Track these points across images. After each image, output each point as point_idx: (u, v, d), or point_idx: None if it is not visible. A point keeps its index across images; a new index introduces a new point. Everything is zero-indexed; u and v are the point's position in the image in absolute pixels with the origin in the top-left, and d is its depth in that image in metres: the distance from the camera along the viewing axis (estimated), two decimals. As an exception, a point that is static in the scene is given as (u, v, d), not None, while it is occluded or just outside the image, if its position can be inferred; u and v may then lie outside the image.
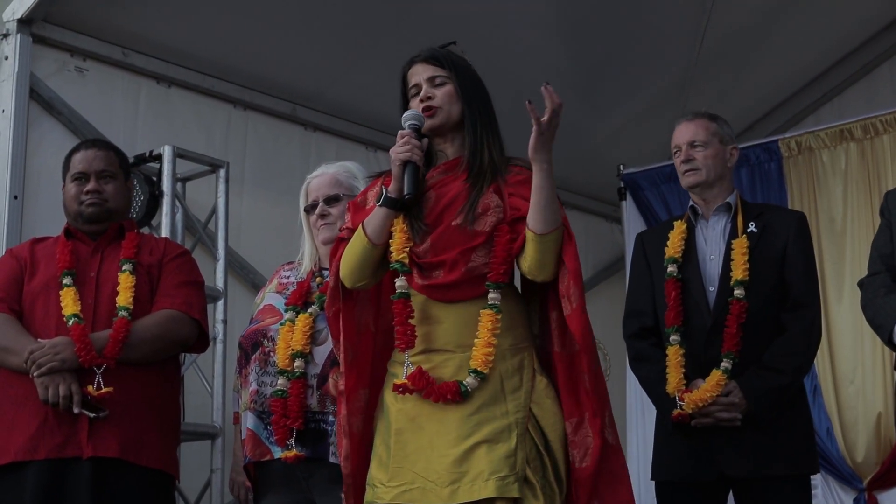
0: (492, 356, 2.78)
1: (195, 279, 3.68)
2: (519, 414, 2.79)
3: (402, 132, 2.86)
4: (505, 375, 2.82)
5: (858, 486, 5.32)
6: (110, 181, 3.64)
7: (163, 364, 3.55)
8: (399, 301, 2.84)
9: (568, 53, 5.82)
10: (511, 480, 2.70)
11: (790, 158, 5.71)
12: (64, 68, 4.68)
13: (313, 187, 3.58)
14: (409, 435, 2.81)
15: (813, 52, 6.38)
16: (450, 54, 2.99)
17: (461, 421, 2.76)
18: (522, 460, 2.75)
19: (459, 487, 2.71)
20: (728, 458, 3.53)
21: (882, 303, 3.39)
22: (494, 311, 2.81)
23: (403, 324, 2.83)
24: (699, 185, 3.76)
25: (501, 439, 2.74)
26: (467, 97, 2.94)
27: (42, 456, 3.32)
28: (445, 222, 2.87)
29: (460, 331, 2.83)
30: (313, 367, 3.33)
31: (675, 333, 3.63)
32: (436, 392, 2.76)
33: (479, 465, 2.71)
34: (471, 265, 2.83)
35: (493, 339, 2.78)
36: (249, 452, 3.39)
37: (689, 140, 3.76)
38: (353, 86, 5.43)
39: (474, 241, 2.83)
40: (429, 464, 2.76)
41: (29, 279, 3.54)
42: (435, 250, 2.85)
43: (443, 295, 2.85)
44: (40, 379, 3.30)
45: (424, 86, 2.95)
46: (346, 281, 2.92)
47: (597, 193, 6.77)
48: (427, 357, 2.84)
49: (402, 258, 2.85)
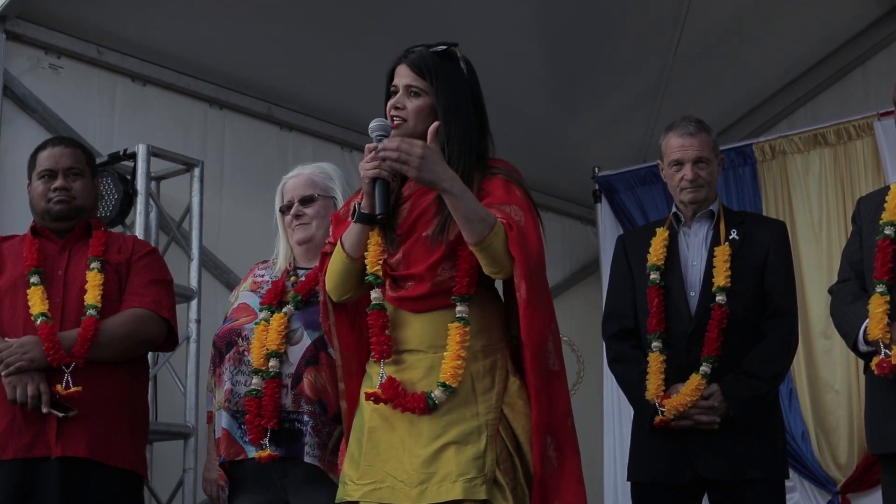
0: (461, 369, 2.77)
1: (164, 278, 3.66)
2: (490, 415, 2.79)
3: (369, 146, 2.81)
4: (476, 377, 2.81)
5: (832, 489, 5.35)
6: (78, 178, 3.62)
7: (132, 363, 3.53)
8: (374, 312, 2.86)
9: (543, 55, 5.83)
10: (479, 482, 2.70)
11: (764, 162, 5.75)
12: (38, 65, 4.65)
13: (289, 188, 3.58)
14: (382, 434, 2.82)
15: (787, 57, 6.42)
16: (436, 61, 2.90)
17: (432, 422, 2.76)
18: (492, 462, 2.74)
19: (428, 488, 2.71)
20: (703, 460, 3.55)
21: (848, 310, 3.42)
22: (462, 323, 2.80)
23: (378, 335, 2.85)
24: (696, 203, 3.75)
25: (471, 441, 2.74)
26: (443, 111, 2.86)
27: (10, 456, 3.30)
28: (416, 234, 2.86)
29: (431, 333, 2.83)
30: (288, 367, 3.32)
31: (656, 340, 3.64)
32: (404, 404, 2.77)
33: (448, 467, 2.71)
34: (437, 279, 2.83)
35: (463, 351, 2.78)
36: (224, 452, 3.38)
37: (696, 157, 3.71)
38: (330, 86, 5.42)
39: (440, 253, 2.82)
40: (399, 463, 2.76)
41: None
42: (406, 262, 2.86)
43: (412, 306, 2.86)
44: (8, 379, 3.28)
45: (401, 92, 2.90)
46: (332, 295, 2.96)
47: (572, 196, 6.78)
48: (399, 358, 2.85)
49: (377, 270, 2.86)
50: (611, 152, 6.29)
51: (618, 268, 3.92)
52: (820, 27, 6.26)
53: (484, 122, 2.97)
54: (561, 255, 6.84)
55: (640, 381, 3.64)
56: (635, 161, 6.20)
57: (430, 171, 2.71)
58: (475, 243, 2.74)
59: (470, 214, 2.73)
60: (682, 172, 3.74)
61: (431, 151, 2.72)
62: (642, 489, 3.71)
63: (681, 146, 3.74)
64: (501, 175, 2.89)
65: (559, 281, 6.74)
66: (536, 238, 2.80)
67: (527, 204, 2.85)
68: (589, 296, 6.49)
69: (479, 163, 2.90)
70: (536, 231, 2.82)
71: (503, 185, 2.87)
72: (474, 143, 2.90)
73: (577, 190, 6.58)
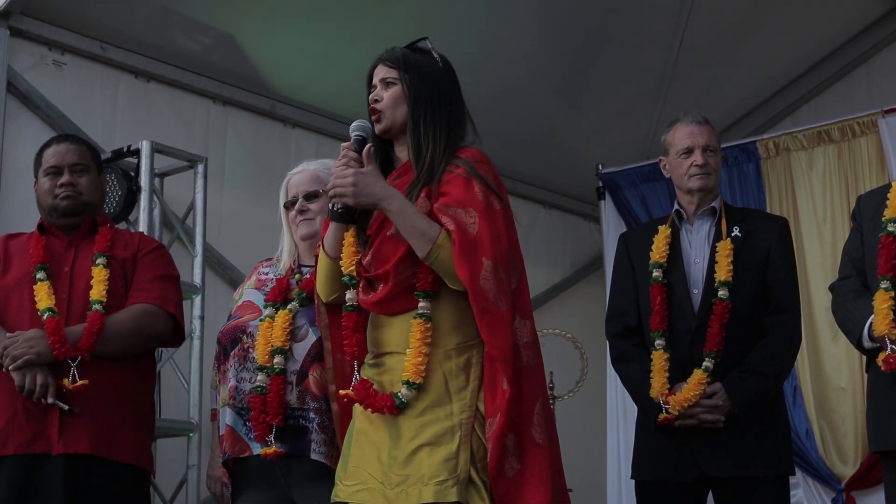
0: (423, 365, 2.76)
1: (170, 273, 3.66)
2: (464, 414, 2.76)
3: (343, 144, 2.88)
4: (450, 376, 2.79)
5: (837, 486, 5.35)
6: (84, 174, 3.63)
7: (137, 359, 3.53)
8: (347, 313, 2.89)
9: (548, 52, 5.83)
10: (450, 484, 2.68)
11: (768, 160, 5.75)
12: (42, 62, 4.65)
13: (293, 183, 3.58)
14: (367, 435, 2.83)
15: (791, 54, 6.42)
16: (408, 54, 2.95)
17: (409, 423, 2.76)
18: (465, 462, 2.71)
19: (403, 490, 2.71)
20: (708, 458, 3.55)
21: (852, 307, 3.41)
22: (423, 319, 2.78)
23: (350, 336, 2.88)
24: (705, 189, 3.76)
25: (443, 442, 2.72)
26: (414, 97, 2.89)
27: (11, 451, 3.30)
28: (383, 233, 2.87)
29: (406, 334, 2.81)
30: (293, 364, 3.32)
31: (659, 338, 3.64)
32: (373, 405, 2.78)
33: (421, 469, 2.71)
34: (399, 277, 2.82)
35: (425, 347, 2.77)
36: (228, 448, 3.38)
37: (705, 144, 3.75)
38: (333, 82, 5.42)
39: (401, 251, 2.81)
40: (379, 465, 2.77)
41: (2, 275, 3.52)
42: (375, 262, 2.87)
43: (381, 309, 2.86)
44: (15, 372, 3.28)
45: (378, 87, 2.94)
46: (321, 295, 3.01)
47: (575, 193, 6.78)
48: (380, 360, 2.87)
49: (351, 271, 2.88)
50: (615, 149, 6.28)
51: (620, 266, 3.92)
52: (824, 24, 6.26)
53: (460, 112, 2.96)
54: (564, 252, 6.84)
55: (643, 380, 3.64)
56: (639, 158, 6.20)
57: (365, 194, 2.79)
58: (422, 257, 2.76)
59: (410, 230, 2.76)
60: (692, 158, 3.74)
61: (364, 175, 2.80)
62: (647, 487, 3.71)
63: (690, 133, 3.76)
64: (462, 170, 2.83)
65: (562, 279, 6.74)
66: (490, 243, 2.74)
67: (483, 204, 2.79)
68: (592, 293, 6.48)
69: (446, 152, 2.87)
70: (491, 234, 2.76)
71: (462, 183, 2.81)
72: (443, 132, 2.89)
73: (580, 187, 6.58)
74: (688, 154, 3.76)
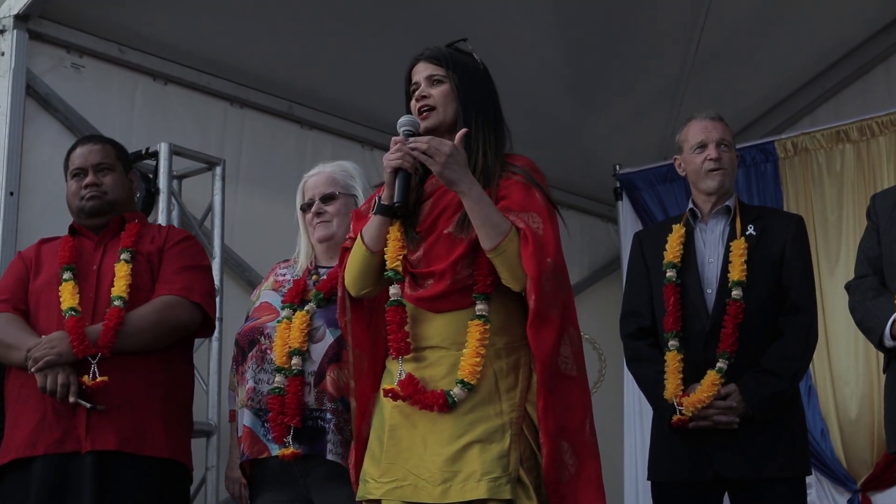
0: (479, 366, 2.76)
1: (197, 263, 3.64)
2: (513, 413, 2.78)
3: (395, 139, 2.84)
4: (500, 374, 2.81)
5: (852, 487, 5.32)
6: (108, 173, 3.64)
7: (167, 351, 3.51)
8: (392, 308, 2.85)
9: (564, 52, 5.82)
10: (503, 481, 2.69)
11: (786, 159, 5.72)
12: (60, 65, 4.66)
13: (310, 185, 3.59)
14: (403, 431, 2.81)
15: (809, 54, 6.39)
16: (452, 53, 2.97)
17: (455, 419, 2.75)
18: (516, 461, 2.73)
19: (451, 486, 2.70)
20: (724, 459, 3.54)
21: (871, 305, 3.38)
22: (482, 321, 2.79)
23: (396, 331, 2.84)
24: (721, 189, 3.74)
25: (495, 439, 2.73)
26: (464, 97, 2.91)
27: (41, 451, 3.32)
28: (438, 230, 2.86)
29: (453, 330, 2.83)
30: (310, 365, 3.33)
31: (673, 339, 3.63)
32: (422, 401, 2.76)
33: (472, 465, 2.70)
34: (457, 276, 2.82)
35: (483, 349, 2.77)
36: (247, 450, 3.39)
37: (719, 139, 3.75)
38: (350, 84, 5.42)
39: (461, 250, 2.82)
40: (421, 461, 2.75)
41: (34, 278, 3.56)
42: (427, 260, 2.86)
43: (431, 306, 2.86)
44: (38, 373, 3.30)
45: (423, 84, 2.94)
46: (350, 290, 2.96)
47: (592, 193, 6.77)
48: (421, 355, 2.85)
49: (396, 266, 2.86)
50: (632, 149, 6.27)
51: (634, 266, 3.91)
52: (842, 23, 6.22)
53: (501, 115, 2.99)
54: (582, 253, 6.82)
55: (657, 381, 3.63)
56: (656, 158, 6.18)
57: (452, 169, 2.75)
58: (489, 249, 2.75)
59: (485, 218, 2.75)
60: (707, 153, 3.73)
61: (458, 152, 2.76)
62: (663, 488, 3.71)
63: (704, 128, 3.77)
64: (521, 176, 2.88)
65: (580, 279, 6.72)
66: (554, 247, 2.80)
67: (546, 210, 2.85)
68: (610, 294, 6.47)
69: (498, 157, 2.91)
70: (555, 239, 2.82)
71: (522, 189, 2.86)
72: (492, 134, 2.92)
73: (598, 187, 6.57)
74: (702, 149, 3.75)
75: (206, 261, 3.72)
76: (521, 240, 2.76)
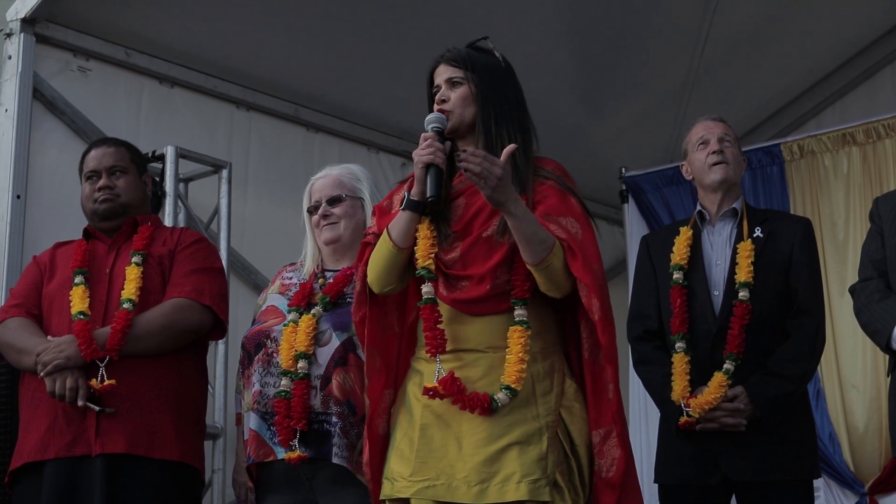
0: (524, 373, 2.77)
1: (210, 265, 3.63)
2: (549, 417, 2.79)
3: (424, 135, 2.83)
4: (536, 378, 2.81)
5: (860, 490, 5.32)
6: (122, 176, 3.65)
7: (178, 354, 3.50)
8: (426, 306, 2.83)
9: (570, 55, 5.82)
10: (543, 484, 2.70)
11: (792, 162, 5.72)
12: (67, 68, 4.68)
13: (316, 188, 3.59)
14: (435, 431, 2.80)
15: (815, 56, 6.38)
16: (472, 53, 2.97)
17: (492, 421, 2.75)
18: (553, 463, 2.75)
19: (489, 487, 2.70)
20: (731, 461, 3.53)
21: (877, 308, 3.38)
22: (524, 327, 2.80)
23: (432, 329, 2.81)
24: (725, 182, 3.74)
25: (533, 441, 2.74)
26: (482, 98, 2.91)
27: (52, 455, 3.33)
28: (475, 232, 2.86)
29: (489, 333, 2.83)
30: (317, 368, 3.33)
31: (680, 340, 3.63)
32: (466, 402, 2.75)
33: (511, 467, 2.71)
34: (497, 281, 2.82)
35: (525, 354, 2.77)
36: (253, 453, 3.39)
37: (721, 134, 3.76)
38: (356, 87, 5.43)
39: (500, 255, 2.82)
40: (456, 461, 2.75)
41: (48, 282, 3.57)
42: (464, 262, 2.85)
43: (468, 308, 2.84)
44: (47, 377, 3.31)
45: (443, 87, 2.94)
46: (373, 286, 2.92)
47: (598, 196, 6.75)
48: (457, 356, 2.83)
49: (429, 265, 2.83)
50: (638, 152, 6.27)
51: (641, 268, 3.91)
52: (848, 26, 6.22)
53: (526, 113, 2.99)
54: (587, 255, 6.80)
55: (664, 383, 3.62)
56: (662, 161, 6.18)
57: (502, 191, 2.72)
58: (533, 264, 2.75)
59: (530, 236, 2.74)
60: (709, 147, 3.74)
61: (507, 173, 2.72)
62: (670, 491, 3.70)
63: (706, 126, 3.80)
64: (553, 181, 2.89)
65: (586, 281, 6.72)
66: (596, 253, 2.83)
67: (583, 215, 2.87)
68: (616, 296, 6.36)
69: (528, 160, 2.91)
70: (595, 244, 2.85)
71: (558, 194, 2.88)
72: (517, 133, 2.92)
73: (603, 190, 6.56)
74: (704, 145, 3.77)
75: (218, 263, 3.71)
76: (567, 252, 2.77)
